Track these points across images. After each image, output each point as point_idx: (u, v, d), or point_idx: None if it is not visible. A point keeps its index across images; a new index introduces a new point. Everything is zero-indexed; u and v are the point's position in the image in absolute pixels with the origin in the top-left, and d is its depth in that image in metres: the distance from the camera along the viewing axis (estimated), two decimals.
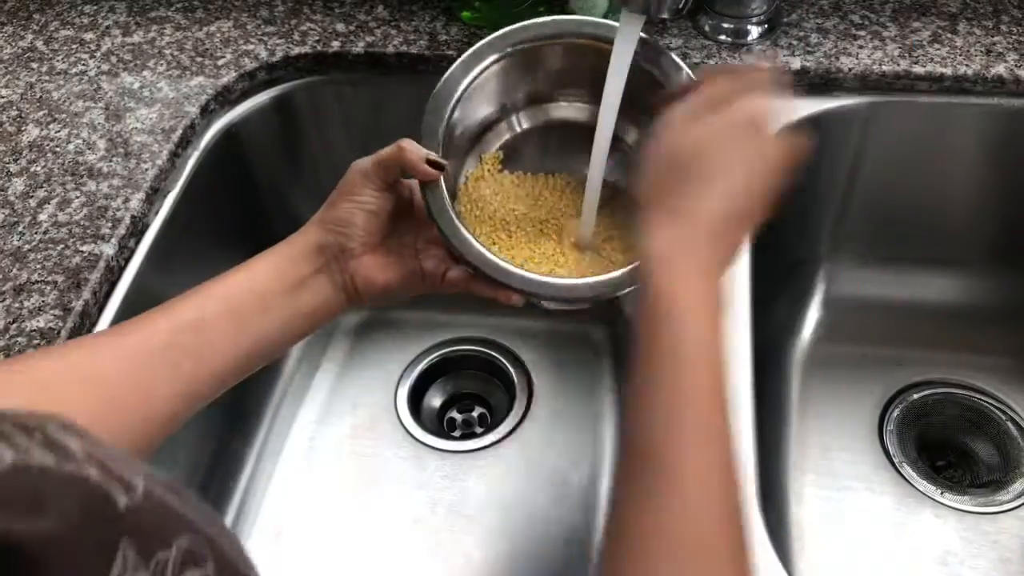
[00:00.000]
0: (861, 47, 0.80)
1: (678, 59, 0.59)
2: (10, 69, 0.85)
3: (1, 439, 0.22)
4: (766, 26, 0.81)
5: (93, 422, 0.45)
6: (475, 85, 0.60)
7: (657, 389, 0.41)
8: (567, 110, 0.64)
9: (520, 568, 0.80)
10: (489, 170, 0.63)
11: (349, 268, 0.54)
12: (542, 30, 0.61)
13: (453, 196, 0.58)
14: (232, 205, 0.85)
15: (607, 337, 0.94)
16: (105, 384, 0.47)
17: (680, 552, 0.39)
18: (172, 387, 0.49)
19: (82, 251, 0.68)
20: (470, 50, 0.60)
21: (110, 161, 0.75)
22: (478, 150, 0.64)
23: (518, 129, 0.65)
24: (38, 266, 0.67)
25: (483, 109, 0.62)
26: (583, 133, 0.60)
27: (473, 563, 0.80)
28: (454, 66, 0.60)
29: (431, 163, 0.54)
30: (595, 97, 0.58)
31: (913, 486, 0.82)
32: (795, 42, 0.81)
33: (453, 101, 0.59)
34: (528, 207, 0.62)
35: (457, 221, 0.55)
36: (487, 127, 0.64)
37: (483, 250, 0.54)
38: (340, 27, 0.86)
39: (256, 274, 0.53)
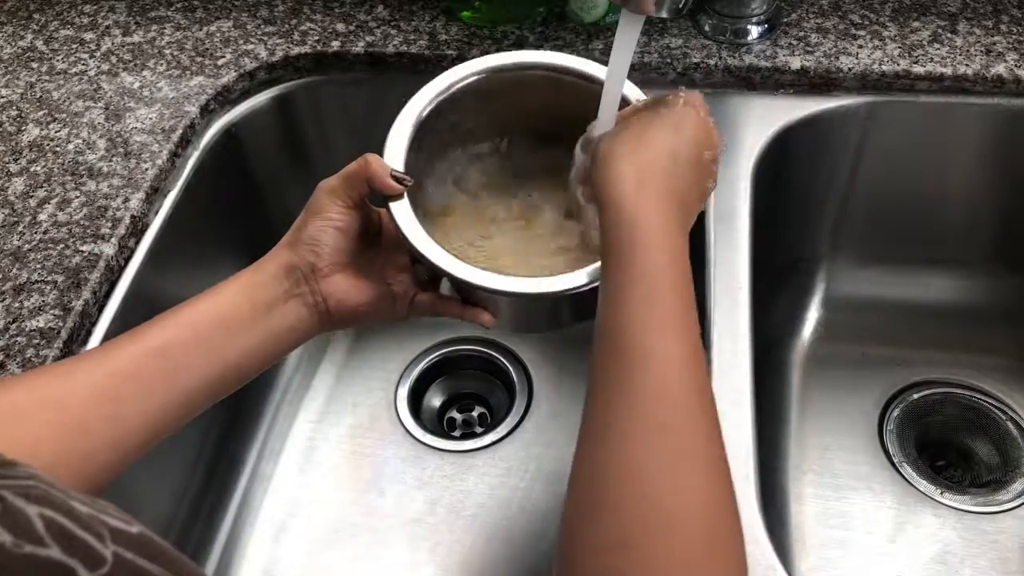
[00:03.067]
0: (861, 47, 0.80)
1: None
2: (10, 69, 0.85)
3: None
4: (766, 26, 0.81)
5: (61, 450, 0.45)
6: (443, 107, 0.60)
7: (632, 287, 0.45)
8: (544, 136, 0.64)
9: (520, 568, 0.80)
10: (463, 189, 0.63)
11: (320, 289, 0.54)
12: (529, 59, 0.61)
13: (424, 215, 0.58)
14: (232, 205, 0.85)
15: None
16: (74, 411, 0.47)
17: (654, 431, 0.41)
18: (142, 412, 0.49)
19: (82, 251, 0.68)
20: (441, 75, 0.60)
21: (110, 161, 0.75)
22: (450, 168, 0.64)
23: (498, 150, 0.65)
24: (38, 266, 0.67)
25: (454, 128, 0.62)
26: (559, 159, 0.60)
27: (473, 563, 0.80)
28: (422, 90, 0.60)
29: (396, 178, 0.55)
30: (570, 129, 0.58)
31: (913, 486, 0.82)
32: (795, 42, 0.81)
33: (421, 119, 0.59)
34: (499, 228, 0.62)
35: (421, 229, 0.54)
36: (459, 148, 0.64)
37: (444, 253, 0.54)
38: (340, 27, 0.86)
39: (223, 299, 0.53)
